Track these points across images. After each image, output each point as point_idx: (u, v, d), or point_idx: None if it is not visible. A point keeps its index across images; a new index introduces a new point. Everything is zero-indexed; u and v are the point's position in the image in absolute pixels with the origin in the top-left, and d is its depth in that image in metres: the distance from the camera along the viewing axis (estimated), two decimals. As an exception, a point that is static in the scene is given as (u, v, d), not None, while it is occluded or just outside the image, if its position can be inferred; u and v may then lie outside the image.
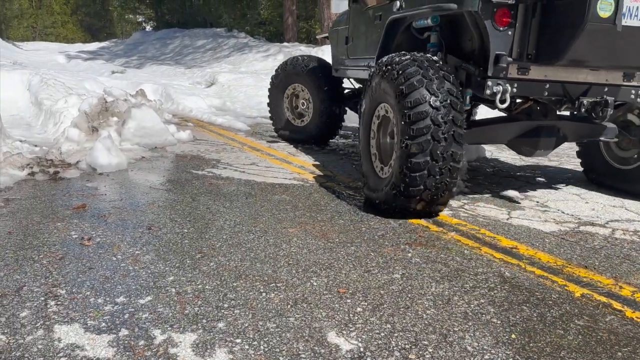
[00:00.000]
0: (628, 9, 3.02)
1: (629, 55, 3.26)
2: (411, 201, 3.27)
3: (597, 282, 2.49)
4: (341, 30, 5.38)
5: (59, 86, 7.96)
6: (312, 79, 5.77)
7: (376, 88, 3.58)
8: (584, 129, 3.91)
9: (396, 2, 4.02)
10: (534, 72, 3.38)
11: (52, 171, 4.39)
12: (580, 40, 3.08)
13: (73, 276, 2.41)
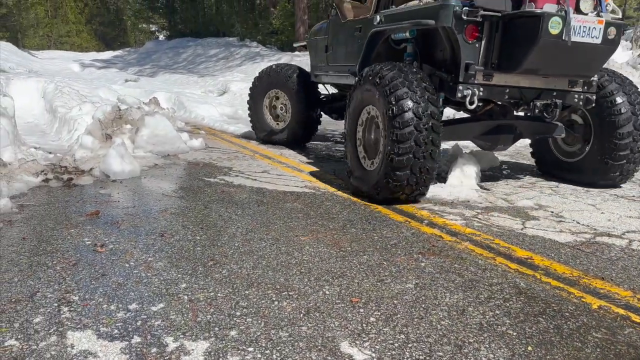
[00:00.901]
0: (573, 27, 3.60)
1: (573, 65, 3.94)
2: (396, 191, 3.82)
3: (615, 293, 2.45)
4: (320, 39, 5.83)
5: (73, 94, 8.05)
6: (289, 85, 6.16)
7: (363, 93, 4.10)
8: (537, 127, 4.49)
9: (376, 17, 4.52)
10: (496, 78, 3.93)
11: (66, 178, 4.42)
12: (534, 53, 3.66)
13: (86, 282, 2.41)
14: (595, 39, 3.72)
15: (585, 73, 4.07)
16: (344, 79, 5.37)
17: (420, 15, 4.03)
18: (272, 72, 6.41)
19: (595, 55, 3.87)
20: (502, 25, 3.81)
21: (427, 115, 3.67)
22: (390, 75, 3.81)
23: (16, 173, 4.21)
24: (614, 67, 10.67)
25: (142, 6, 32.62)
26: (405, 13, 4.23)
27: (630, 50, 14.45)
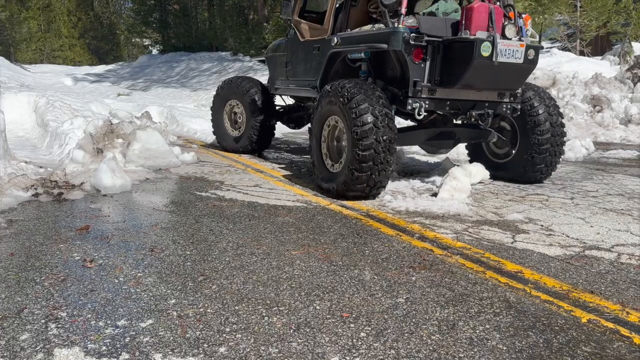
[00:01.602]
0: (500, 50, 4.26)
1: (501, 81, 4.62)
2: (358, 190, 4.40)
3: (604, 307, 2.46)
4: (279, 55, 6.36)
5: (65, 108, 8.04)
6: (246, 97, 6.58)
7: (327, 105, 4.65)
8: (473, 133, 5.22)
9: (334, 38, 5.11)
10: (439, 92, 4.56)
11: (56, 192, 4.40)
12: (470, 71, 4.30)
13: (74, 298, 2.39)
14: (518, 59, 4.38)
15: (511, 87, 4.78)
16: (304, 91, 5.96)
17: (374, 39, 4.65)
18: (232, 84, 6.85)
19: (519, 72, 4.57)
20: (443, 48, 4.46)
21: (384, 124, 4.26)
22: (351, 90, 4.38)
23: (5, 188, 4.19)
24: (603, 82, 10.82)
25: (136, 21, 32.75)
26: (361, 36, 4.85)
27: (617, 65, 14.67)
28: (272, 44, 6.95)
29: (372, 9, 5.30)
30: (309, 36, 5.73)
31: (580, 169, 6.24)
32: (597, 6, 18.78)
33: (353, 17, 5.26)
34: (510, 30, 4.37)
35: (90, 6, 46.33)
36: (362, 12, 5.33)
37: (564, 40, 21.21)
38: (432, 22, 4.52)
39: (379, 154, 4.23)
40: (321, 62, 5.32)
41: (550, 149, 5.08)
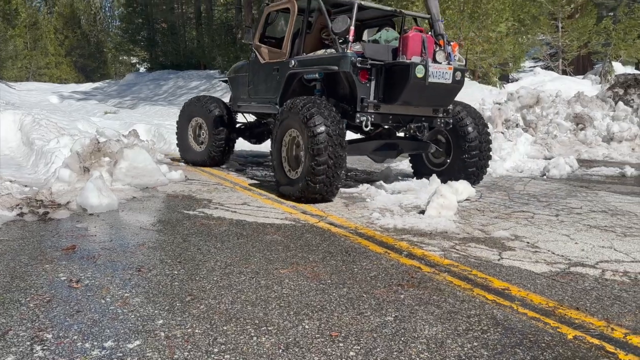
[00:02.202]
0: (432, 72, 4.98)
1: (434, 99, 5.34)
2: (316, 192, 4.93)
3: (589, 323, 2.49)
4: (241, 76, 6.97)
5: (51, 126, 7.99)
6: (208, 114, 7.10)
7: (286, 119, 5.20)
8: (414, 144, 5.97)
9: (292, 61, 5.76)
10: (383, 108, 5.23)
11: (41, 212, 4.36)
12: (407, 90, 4.99)
13: (60, 320, 2.36)
14: (447, 80, 5.11)
15: (442, 104, 5.53)
16: (265, 108, 6.58)
17: (326, 62, 5.33)
18: (196, 102, 7.42)
19: (448, 91, 5.31)
20: (384, 70, 5.12)
21: (336, 135, 4.83)
22: (308, 106, 4.94)
23: (-10, 207, 4.14)
24: (585, 101, 11.03)
25: (124, 39, 32.82)
26: (315, 60, 5.52)
27: (599, 84, 14.98)
28: (234, 66, 7.56)
29: (324, 36, 6.13)
30: (269, 59, 6.34)
31: (564, 186, 6.33)
32: (578, 27, 19.26)
33: (308, 42, 5.93)
34: (440, 55, 5.12)
35: (77, 24, 46.37)
36: (315, 38, 6.13)
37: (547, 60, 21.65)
38: (375, 48, 5.34)
39: (332, 161, 4.83)
40: (280, 82, 5.95)
41: (480, 154, 5.89)
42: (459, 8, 15.24)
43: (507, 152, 8.04)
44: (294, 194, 5.11)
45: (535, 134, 10.28)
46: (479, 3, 15.08)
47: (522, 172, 7.37)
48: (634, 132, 9.83)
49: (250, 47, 6.75)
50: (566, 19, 19.74)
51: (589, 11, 19.83)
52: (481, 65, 16.10)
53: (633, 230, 4.25)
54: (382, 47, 5.37)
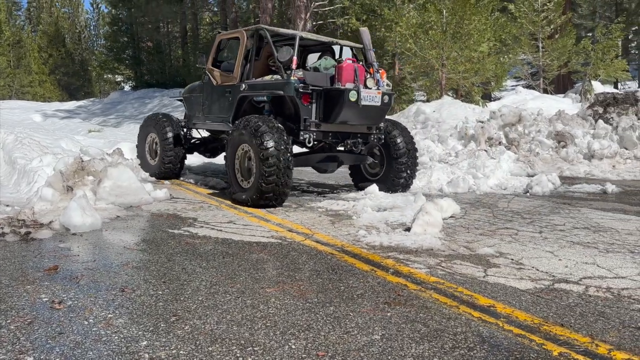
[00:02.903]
0: (363, 96, 5.80)
1: (366, 119, 6.18)
2: (266, 200, 5.62)
3: (574, 340, 2.51)
4: (195, 96, 7.65)
5: (34, 145, 7.91)
6: (160, 130, 7.72)
7: (239, 136, 5.85)
8: (353, 157, 6.72)
9: (242, 85, 6.48)
10: (323, 127, 6.01)
11: (23, 232, 4.29)
12: (342, 112, 5.81)
13: (42, 342, 2.32)
14: (377, 103, 5.95)
15: (374, 122, 6.36)
16: (218, 126, 7.20)
17: (273, 87, 6.10)
18: (152, 120, 8.05)
19: (378, 112, 6.13)
20: (323, 94, 5.91)
21: (282, 149, 5.51)
22: (258, 124, 5.62)
23: (-30, 227, 4.06)
24: (566, 119, 11.24)
25: (109, 57, 32.77)
26: (263, 84, 6.30)
27: (579, 103, 15.29)
28: (188, 87, 8.21)
29: (270, 63, 6.85)
30: (221, 82, 7.00)
31: (547, 203, 6.42)
32: (558, 47, 19.70)
33: (256, 68, 6.68)
34: (370, 82, 5.94)
35: (62, 43, 46.19)
36: (263, 64, 6.91)
37: (528, 79, 22.07)
38: (314, 75, 6.14)
39: (280, 173, 5.50)
40: (233, 103, 6.64)
41: (408, 164, 6.78)
42: (442, 28, 15.52)
43: (490, 169, 8.14)
44: (246, 201, 5.76)
45: (518, 152, 10.42)
46: (462, 24, 15.37)
47: (506, 189, 7.45)
48: (614, 150, 10.02)
49: (203, 70, 7.46)
50: (546, 39, 20.18)
51: (568, 32, 20.31)
52: (464, 84, 16.35)
53: (615, 246, 4.31)
54: (321, 75, 6.22)
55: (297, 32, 6.52)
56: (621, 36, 21.08)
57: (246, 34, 6.66)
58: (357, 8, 19.05)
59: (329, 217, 5.32)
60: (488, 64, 16.01)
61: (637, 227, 5.01)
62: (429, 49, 15.46)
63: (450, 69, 15.78)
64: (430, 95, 17.17)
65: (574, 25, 24.13)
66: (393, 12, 17.40)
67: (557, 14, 20.17)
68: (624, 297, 3.10)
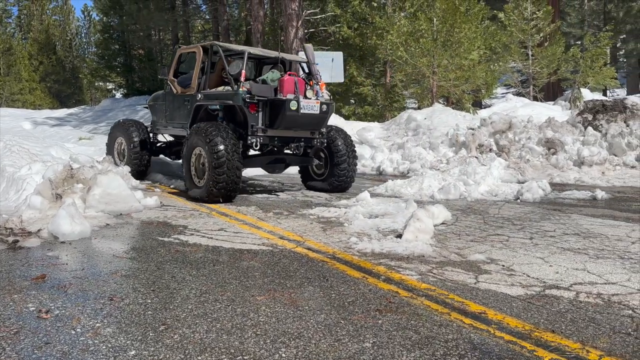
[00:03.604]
0: (303, 105, 6.62)
1: (307, 125, 6.98)
2: (217, 196, 6.33)
3: (565, 346, 2.51)
4: (159, 104, 8.47)
5: (23, 153, 7.83)
6: (126, 134, 8.38)
7: (194, 140, 6.57)
8: (300, 159, 7.55)
9: (198, 95, 7.29)
10: (269, 132, 6.77)
11: (11, 240, 4.24)
12: (285, 119, 6.61)
13: (28, 352, 2.28)
14: (315, 111, 6.78)
15: (315, 129, 7.16)
16: (179, 131, 7.96)
17: (224, 97, 6.88)
18: (120, 125, 8.69)
19: (317, 119, 6.95)
20: (269, 104, 6.67)
21: (232, 151, 6.24)
22: (210, 130, 6.37)
23: (-44, 236, 4.01)
24: (556, 126, 11.33)
25: (100, 65, 32.64)
26: (216, 95, 7.10)
27: (569, 110, 15.42)
28: (153, 95, 9.00)
29: (223, 75, 7.44)
30: (181, 91, 7.80)
31: (538, 209, 6.44)
32: (547, 55, 19.89)
33: (211, 79, 7.44)
34: (309, 92, 6.78)
35: (52, 50, 45.95)
36: (217, 76, 7.59)
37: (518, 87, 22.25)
38: (260, 87, 6.86)
39: (229, 172, 6.21)
40: (190, 110, 7.37)
41: (348, 165, 7.61)
42: (433, 37, 15.63)
43: (481, 176, 8.16)
44: (200, 197, 6.48)
45: (509, 159, 10.48)
46: (452, 32, 15.48)
47: (497, 195, 7.48)
48: (604, 157, 10.10)
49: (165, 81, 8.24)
50: (536, 47, 20.37)
51: (557, 40, 20.52)
52: (455, 91, 16.45)
53: (605, 252, 4.33)
54: (266, 86, 6.94)
55: (247, 48, 7.40)
56: (609, 44, 21.33)
57: (202, 48, 7.51)
58: (348, 16, 19.13)
59: (320, 224, 5.30)
60: (478, 71, 16.11)
61: (626, 233, 5.04)
62: (420, 57, 15.55)
63: (441, 77, 15.87)
64: (422, 103, 17.25)
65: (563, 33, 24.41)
66: (384, 21, 17.50)
67: (546, 23, 20.38)
68: (614, 303, 3.11)
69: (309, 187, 8.03)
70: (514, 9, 20.51)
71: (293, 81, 6.71)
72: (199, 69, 7.43)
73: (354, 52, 19.70)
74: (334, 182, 7.68)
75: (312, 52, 7.46)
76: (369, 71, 20.51)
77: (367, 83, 19.71)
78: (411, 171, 10.18)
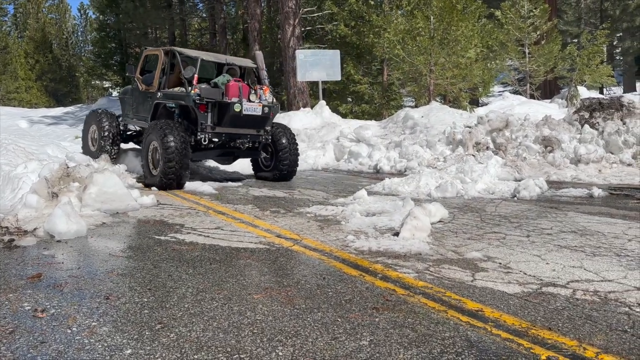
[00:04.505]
0: (246, 107, 7.59)
1: (251, 124, 7.94)
2: (169, 184, 7.18)
3: (562, 343, 2.51)
4: (127, 98, 9.40)
5: (19, 151, 7.79)
6: (98, 123, 9.14)
7: (151, 135, 7.43)
8: (248, 152, 8.50)
9: (158, 93, 8.15)
10: (217, 129, 7.68)
11: (7, 239, 4.22)
12: (230, 119, 7.60)
13: (23, 351, 2.27)
14: (257, 113, 7.76)
15: (259, 127, 8.11)
16: (142, 124, 8.77)
17: (179, 97, 7.81)
18: (93, 114, 9.48)
19: (260, 120, 7.96)
20: (217, 105, 7.58)
21: (181, 146, 7.14)
22: (164, 126, 7.29)
23: (-48, 235, 3.99)
24: (553, 124, 11.35)
25: (96, 63, 32.56)
26: (172, 95, 8.02)
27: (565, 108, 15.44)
28: (122, 89, 10.20)
29: (180, 76, 8.08)
30: (145, 89, 8.66)
31: (534, 207, 6.45)
32: (544, 53, 19.91)
33: (170, 80, 8.31)
34: (253, 96, 7.73)
35: (49, 48, 45.79)
36: (176, 77, 8.35)
37: (515, 85, 22.27)
38: (209, 90, 7.64)
39: (178, 164, 7.12)
40: (151, 107, 8.26)
41: (290, 158, 8.61)
42: (430, 35, 15.62)
43: (478, 174, 8.17)
44: (155, 184, 7.28)
45: (506, 157, 10.48)
46: (449, 30, 15.48)
47: (494, 193, 7.48)
48: (600, 154, 10.12)
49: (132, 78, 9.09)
50: (533, 45, 20.39)
51: (554, 38, 20.53)
52: (452, 90, 16.45)
53: (602, 250, 4.33)
54: (215, 90, 7.70)
55: (201, 53, 8.38)
56: (606, 42, 21.37)
57: (163, 52, 8.44)
58: (345, 14, 19.12)
59: (317, 223, 5.30)
60: (475, 69, 16.12)
61: (623, 231, 5.05)
62: (417, 55, 15.55)
63: (438, 75, 15.87)
64: (419, 101, 17.25)
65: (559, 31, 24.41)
66: (381, 19, 17.49)
67: (543, 21, 20.39)
68: (611, 300, 3.11)
69: (259, 177, 9.06)
70: (510, 7, 20.51)
71: (237, 86, 7.65)
72: (160, 70, 8.36)
73: (351, 51, 19.70)
74: (277, 173, 8.71)
75: (261, 59, 8.47)
76: (366, 69, 20.52)
77: (364, 81, 19.71)
78: (408, 169, 10.18)
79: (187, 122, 7.77)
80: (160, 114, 8.16)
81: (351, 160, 11.79)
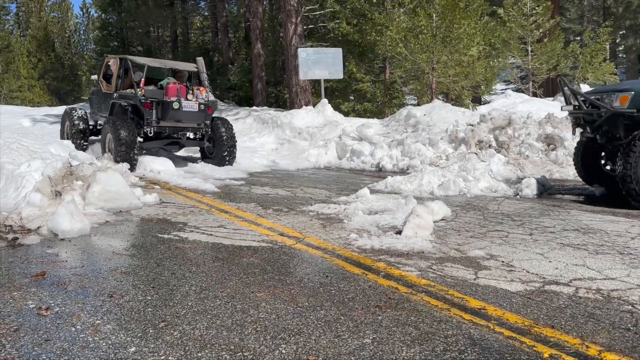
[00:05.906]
0: (184, 105, 9.15)
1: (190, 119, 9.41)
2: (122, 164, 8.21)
3: (565, 342, 2.51)
4: (94, 97, 11.25)
5: (22, 150, 7.81)
6: (70, 119, 10.68)
7: (108, 128, 8.98)
8: (193, 142, 10.05)
9: (115, 94, 9.76)
10: (161, 123, 9.18)
11: (10, 237, 4.24)
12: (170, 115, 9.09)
13: (28, 349, 2.28)
14: (195, 109, 9.29)
15: (198, 121, 9.56)
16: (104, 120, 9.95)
17: (129, 98, 9.35)
18: (66, 112, 11.04)
19: (198, 115, 9.40)
20: (161, 104, 9.05)
21: (130, 138, 8.63)
22: (116, 121, 8.84)
23: (-44, 233, 4.00)
24: (555, 122, 11.32)
25: (98, 61, 32.56)
26: (124, 95, 9.55)
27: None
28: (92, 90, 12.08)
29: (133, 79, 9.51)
30: (105, 90, 10.33)
31: (537, 205, 6.45)
32: (547, 51, 19.85)
33: (125, 83, 9.80)
34: (190, 95, 9.24)
35: (51, 47, 45.87)
36: (130, 80, 9.69)
37: (518, 82, 22.23)
38: (154, 91, 9.14)
39: (128, 151, 8.59)
40: (109, 106, 9.90)
41: (229, 148, 9.93)
42: (432, 33, 15.59)
43: (480, 172, 8.16)
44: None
45: (508, 155, 10.47)
46: (451, 28, 15.45)
47: (496, 191, 7.47)
48: (603, 152, 10.08)
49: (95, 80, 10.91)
50: (535, 43, 20.33)
51: (556, 36, 20.47)
52: (454, 88, 16.42)
53: (604, 248, 4.33)
54: (158, 91, 9.16)
55: (148, 60, 10.08)
56: (609, 40, 21.30)
57: (118, 59, 10.08)
58: (347, 12, 19.09)
59: (320, 221, 5.30)
60: (478, 67, 16.08)
61: (626, 229, 5.04)
62: (419, 53, 15.51)
63: (441, 73, 15.84)
64: (421, 99, 17.22)
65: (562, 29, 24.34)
66: (383, 17, 17.45)
67: (545, 18, 20.33)
68: (614, 299, 3.11)
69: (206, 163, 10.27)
70: (513, 4, 20.45)
71: (176, 88, 9.13)
72: (117, 74, 9.95)
73: (353, 49, 19.67)
74: (219, 159, 10.00)
75: (202, 64, 9.84)
76: (368, 67, 20.49)
77: (367, 79, 19.69)
78: (411, 167, 10.17)
79: (137, 118, 9.38)
80: (116, 112, 9.81)
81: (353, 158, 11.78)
